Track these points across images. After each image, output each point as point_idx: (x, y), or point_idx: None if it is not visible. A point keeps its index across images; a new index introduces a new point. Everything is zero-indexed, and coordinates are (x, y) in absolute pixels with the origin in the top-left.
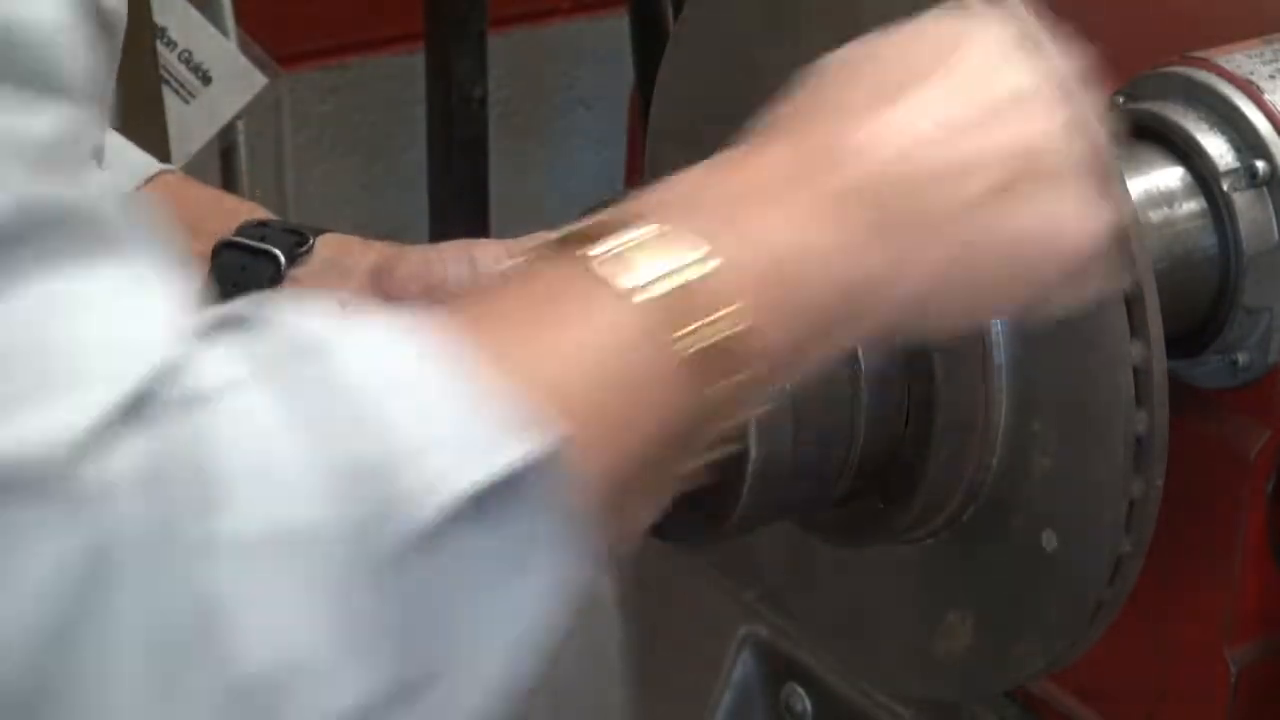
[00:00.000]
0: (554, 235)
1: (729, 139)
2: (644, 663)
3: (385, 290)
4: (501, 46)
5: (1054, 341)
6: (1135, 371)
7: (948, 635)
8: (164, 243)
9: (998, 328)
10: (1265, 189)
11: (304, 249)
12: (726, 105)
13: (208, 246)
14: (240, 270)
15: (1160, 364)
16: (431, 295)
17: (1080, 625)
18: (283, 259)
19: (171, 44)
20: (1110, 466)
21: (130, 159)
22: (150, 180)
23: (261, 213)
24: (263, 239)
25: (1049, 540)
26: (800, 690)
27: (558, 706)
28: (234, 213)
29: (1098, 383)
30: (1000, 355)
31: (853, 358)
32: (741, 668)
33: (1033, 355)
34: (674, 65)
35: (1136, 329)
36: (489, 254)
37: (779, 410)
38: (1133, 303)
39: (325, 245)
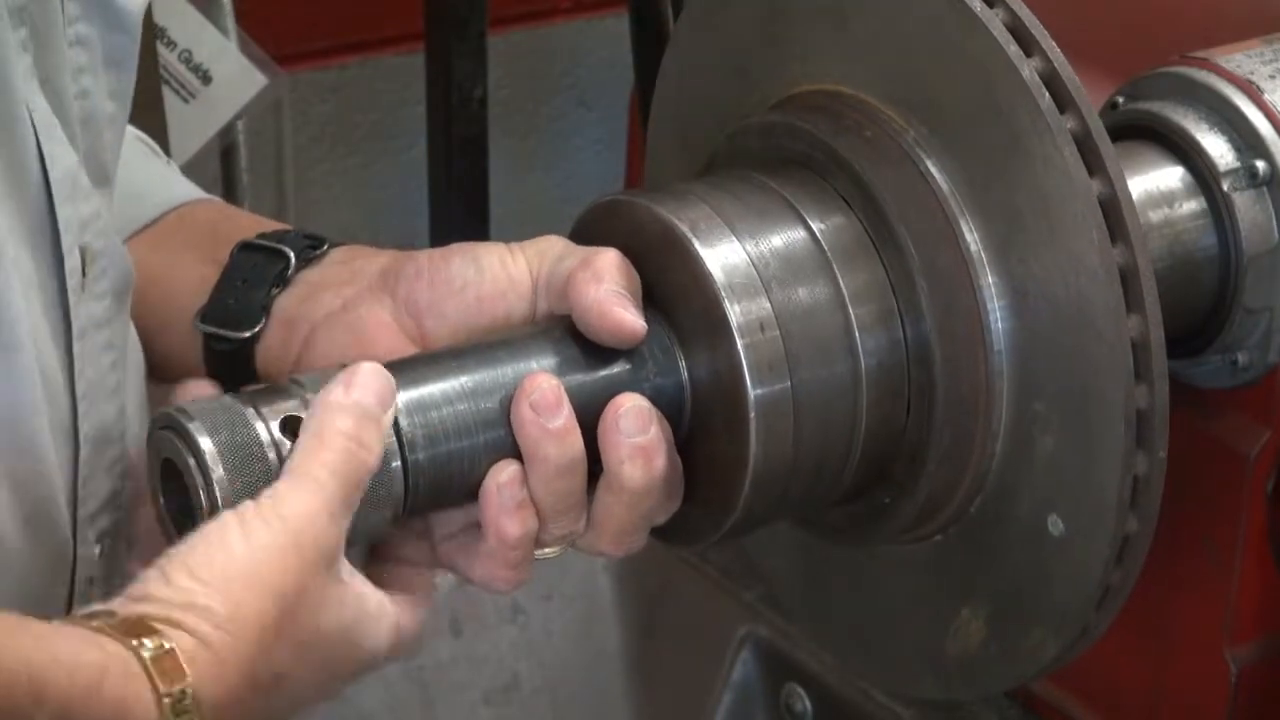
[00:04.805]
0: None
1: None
2: (644, 663)
3: (393, 289)
4: (501, 46)
5: (1052, 320)
6: (1134, 346)
7: (961, 633)
8: None
9: (995, 310)
10: (1265, 189)
11: (318, 252)
12: (724, 106)
13: None
14: (251, 268)
15: (1158, 337)
16: (436, 292)
17: (1090, 611)
18: (293, 257)
19: (171, 44)
20: (1113, 443)
21: (173, 188)
22: (190, 205)
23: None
24: (279, 241)
25: (1055, 525)
26: (800, 690)
27: (558, 706)
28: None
29: (1097, 359)
30: (999, 338)
31: (852, 348)
32: (741, 668)
33: (1031, 335)
34: (673, 66)
35: (1133, 304)
36: (494, 255)
37: (778, 404)
38: (1128, 278)
39: (339, 251)
